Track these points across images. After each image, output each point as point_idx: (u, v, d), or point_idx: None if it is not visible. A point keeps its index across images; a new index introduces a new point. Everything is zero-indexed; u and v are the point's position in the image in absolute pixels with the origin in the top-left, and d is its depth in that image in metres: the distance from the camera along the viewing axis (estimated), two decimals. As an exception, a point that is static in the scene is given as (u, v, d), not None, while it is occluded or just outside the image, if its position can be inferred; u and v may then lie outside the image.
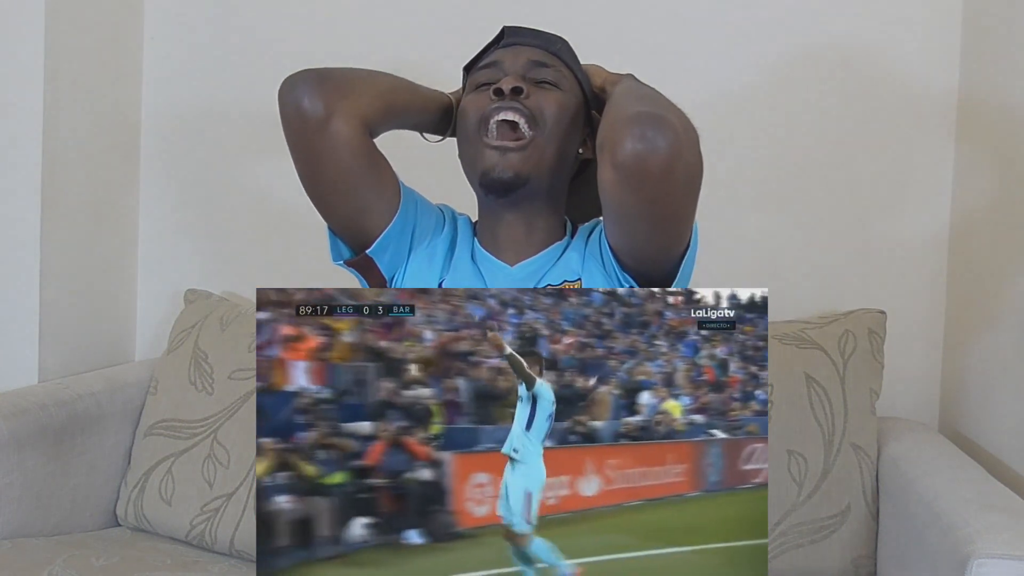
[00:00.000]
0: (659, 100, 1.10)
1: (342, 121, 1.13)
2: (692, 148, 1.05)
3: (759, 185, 1.93)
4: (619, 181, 1.04)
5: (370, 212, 1.20)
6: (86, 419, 1.78)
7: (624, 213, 1.09)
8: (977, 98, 1.78)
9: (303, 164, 1.18)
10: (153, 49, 2.15)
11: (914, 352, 1.87)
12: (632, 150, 1.00)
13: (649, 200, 1.05)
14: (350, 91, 1.15)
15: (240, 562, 1.72)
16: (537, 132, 1.18)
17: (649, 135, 1.00)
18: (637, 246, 1.13)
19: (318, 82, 1.13)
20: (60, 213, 1.91)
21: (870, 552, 1.60)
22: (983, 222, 1.73)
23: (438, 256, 1.25)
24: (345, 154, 1.15)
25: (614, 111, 1.09)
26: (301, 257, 1.92)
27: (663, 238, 1.12)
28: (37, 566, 1.52)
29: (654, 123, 1.01)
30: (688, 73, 1.90)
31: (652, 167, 1.01)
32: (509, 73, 1.20)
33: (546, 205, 1.24)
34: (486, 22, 1.37)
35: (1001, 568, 1.09)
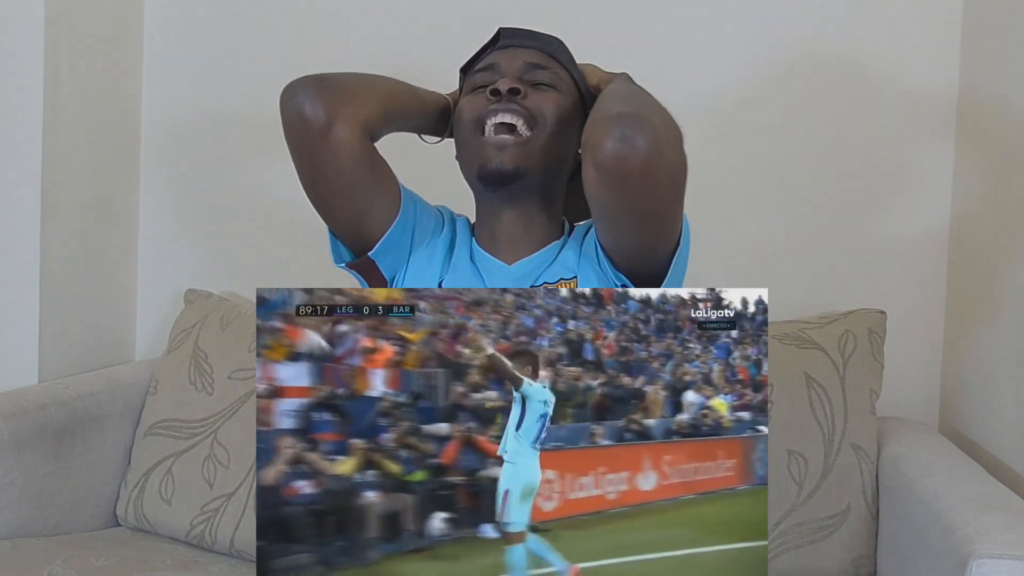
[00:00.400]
0: (642, 99, 1.10)
1: (343, 127, 1.14)
2: (674, 147, 1.05)
3: (759, 185, 1.93)
4: (601, 180, 1.05)
5: (371, 215, 1.21)
6: (86, 419, 1.78)
7: (608, 212, 1.10)
8: (977, 98, 1.78)
9: (305, 169, 1.19)
10: (153, 49, 2.15)
11: (914, 352, 1.87)
12: (611, 150, 1.01)
13: (631, 199, 1.06)
14: (351, 97, 1.16)
15: (240, 562, 1.72)
16: (535, 132, 1.19)
17: (628, 134, 1.01)
18: (624, 245, 1.14)
19: (319, 88, 1.14)
20: (60, 213, 1.91)
21: (870, 552, 1.60)
22: (983, 222, 1.73)
23: (437, 256, 1.25)
24: (346, 159, 1.16)
25: (598, 111, 1.10)
26: (301, 257, 1.93)
27: (648, 236, 1.12)
28: (37, 566, 1.52)
29: (633, 123, 1.02)
30: (687, 73, 1.90)
31: (631, 166, 1.02)
32: (506, 75, 1.21)
33: (543, 203, 1.24)
34: (483, 23, 1.38)
35: (1001, 568, 1.09)
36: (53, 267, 1.90)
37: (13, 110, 1.85)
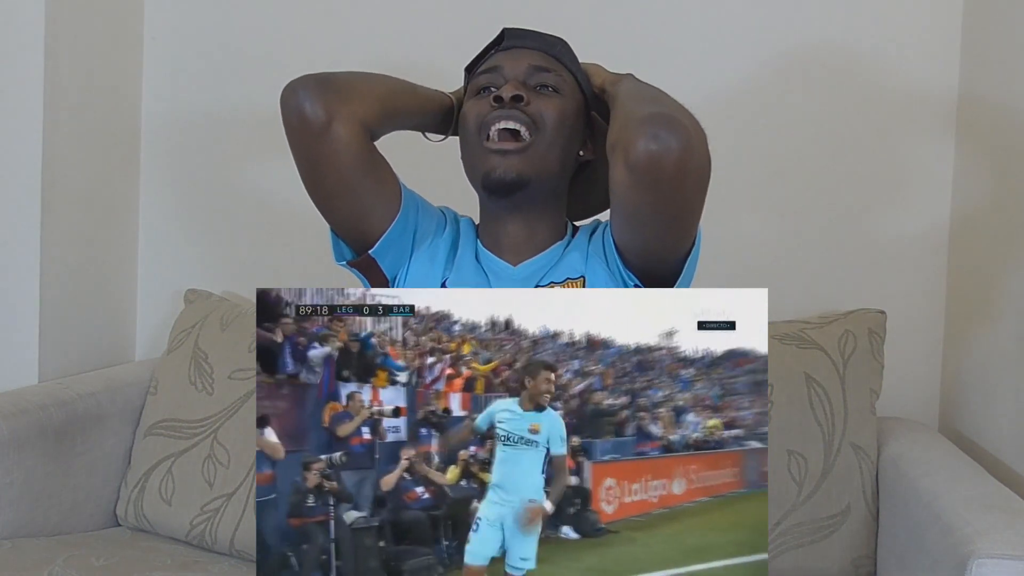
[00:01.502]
0: (667, 100, 1.12)
1: (343, 126, 1.15)
2: (702, 147, 1.08)
3: (759, 185, 1.93)
4: (634, 182, 1.06)
5: (371, 213, 1.22)
6: (86, 419, 1.78)
7: (637, 212, 1.12)
8: (977, 98, 1.78)
9: (305, 168, 1.19)
10: (153, 49, 2.15)
11: (914, 352, 1.87)
12: (646, 151, 1.03)
13: (663, 199, 1.08)
14: (350, 96, 1.16)
15: (240, 562, 1.72)
16: (538, 137, 1.20)
17: (662, 135, 1.03)
18: (646, 244, 1.16)
19: (319, 87, 1.14)
20: (60, 213, 1.91)
21: (870, 552, 1.60)
22: (983, 222, 1.73)
23: (440, 256, 1.26)
24: (346, 158, 1.16)
25: (624, 113, 1.12)
26: (301, 257, 1.93)
27: (672, 236, 1.14)
28: (37, 566, 1.52)
29: (666, 124, 1.04)
30: (689, 73, 1.90)
31: (666, 167, 1.04)
32: (509, 79, 1.22)
33: (547, 207, 1.25)
34: (487, 22, 1.38)
35: (1001, 568, 1.09)
36: (53, 267, 1.90)
37: (13, 110, 1.85)
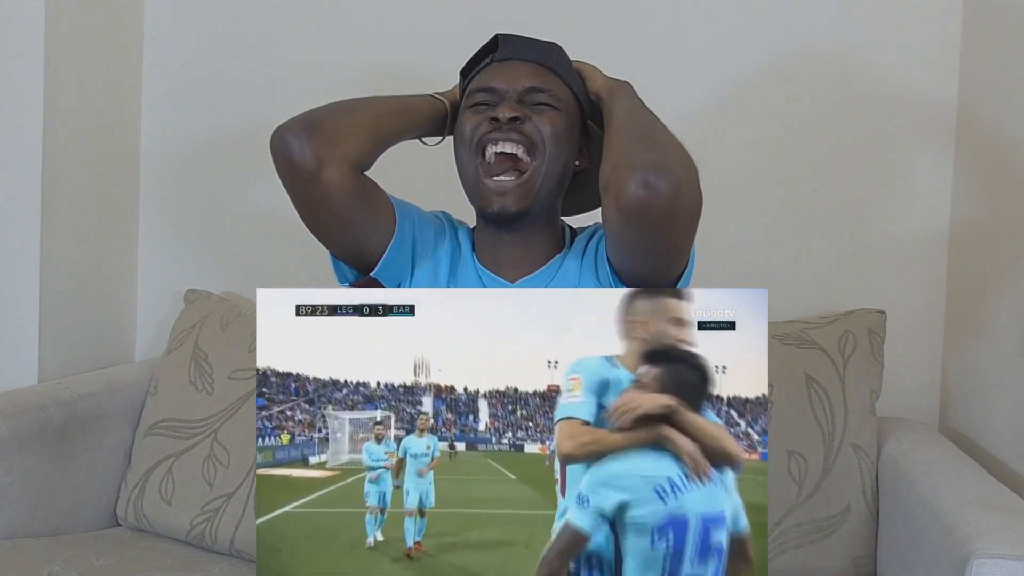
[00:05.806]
0: (660, 137, 1.13)
1: (333, 169, 1.16)
2: (692, 187, 1.09)
3: (760, 187, 1.93)
4: (625, 223, 1.09)
5: (368, 241, 1.24)
6: (86, 419, 1.78)
7: (628, 247, 1.15)
8: (976, 103, 1.78)
9: (299, 207, 1.22)
10: (153, 51, 2.15)
11: (914, 352, 1.87)
12: (635, 196, 1.06)
13: (653, 238, 1.11)
14: (337, 138, 1.17)
15: (240, 562, 1.72)
16: (536, 160, 1.21)
17: (652, 181, 1.05)
18: (638, 271, 1.18)
19: (306, 133, 1.16)
20: (60, 213, 1.91)
21: (870, 552, 1.60)
22: (983, 223, 1.73)
23: (442, 270, 1.28)
24: (338, 198, 1.18)
25: (616, 151, 1.13)
26: (301, 257, 1.92)
27: (663, 266, 1.17)
28: (37, 566, 1.52)
29: (656, 169, 1.06)
30: (690, 78, 1.91)
31: (655, 211, 1.06)
32: (506, 99, 1.22)
33: (544, 223, 1.27)
34: (487, 22, 1.38)
35: (1001, 568, 1.09)
36: (53, 267, 1.90)
37: (13, 111, 1.85)
